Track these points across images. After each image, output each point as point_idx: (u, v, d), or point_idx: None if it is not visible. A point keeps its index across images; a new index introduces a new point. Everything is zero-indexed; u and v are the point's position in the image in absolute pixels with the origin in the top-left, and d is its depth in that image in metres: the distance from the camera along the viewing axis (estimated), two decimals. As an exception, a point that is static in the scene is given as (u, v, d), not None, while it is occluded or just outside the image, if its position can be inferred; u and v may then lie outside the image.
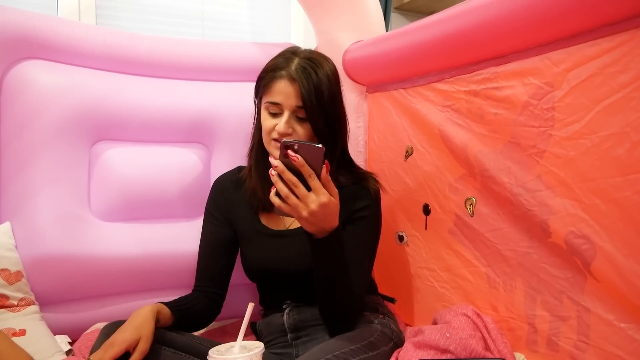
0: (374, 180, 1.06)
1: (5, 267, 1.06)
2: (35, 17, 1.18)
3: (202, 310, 1.05)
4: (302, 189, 0.81)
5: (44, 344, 1.01)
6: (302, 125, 0.98)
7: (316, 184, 0.81)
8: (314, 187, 0.81)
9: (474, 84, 1.00)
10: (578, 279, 0.82)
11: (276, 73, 0.98)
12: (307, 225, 0.85)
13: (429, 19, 1.08)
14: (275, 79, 0.98)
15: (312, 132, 0.99)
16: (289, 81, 0.96)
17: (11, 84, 1.14)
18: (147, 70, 1.31)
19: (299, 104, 0.96)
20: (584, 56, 0.78)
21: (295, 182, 0.81)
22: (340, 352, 0.85)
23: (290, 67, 0.98)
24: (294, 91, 0.96)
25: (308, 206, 0.81)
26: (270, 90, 0.98)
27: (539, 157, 0.87)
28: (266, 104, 1.00)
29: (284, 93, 0.97)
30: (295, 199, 0.81)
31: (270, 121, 0.98)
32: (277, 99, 0.97)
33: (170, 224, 1.26)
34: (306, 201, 0.81)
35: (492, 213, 0.99)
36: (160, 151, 1.28)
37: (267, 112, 1.00)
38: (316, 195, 0.81)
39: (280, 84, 0.97)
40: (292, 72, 0.97)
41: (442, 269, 1.14)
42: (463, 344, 0.87)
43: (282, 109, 0.97)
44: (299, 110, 0.97)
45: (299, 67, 0.97)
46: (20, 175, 1.13)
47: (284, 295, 1.04)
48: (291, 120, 0.97)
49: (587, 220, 0.78)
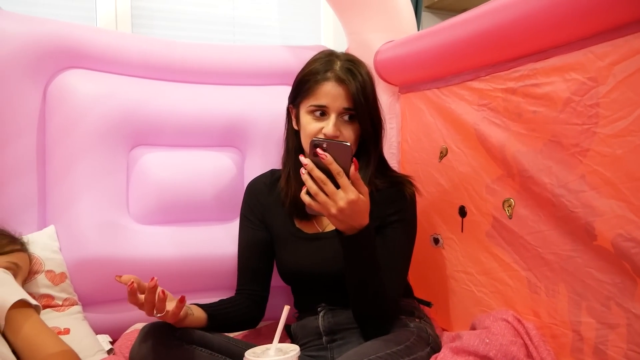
0: (410, 184, 1.05)
1: (51, 269, 1.10)
2: (75, 28, 1.23)
3: (245, 310, 1.06)
4: (331, 186, 0.82)
5: (87, 342, 1.04)
6: (349, 127, 0.98)
7: (345, 181, 0.82)
8: (342, 185, 0.82)
9: (511, 82, 0.97)
10: (627, 284, 0.78)
11: (320, 76, 0.98)
12: (336, 223, 0.85)
13: (463, 16, 1.05)
14: (321, 82, 0.97)
15: (358, 134, 0.99)
16: (336, 82, 0.96)
17: (54, 94, 1.19)
18: (181, 76, 1.34)
19: (346, 106, 0.96)
20: (631, 48, 0.74)
21: (324, 180, 0.82)
22: (376, 355, 0.83)
23: (335, 69, 0.98)
24: (341, 93, 0.96)
25: (337, 203, 0.81)
26: (315, 93, 0.98)
27: (582, 156, 0.83)
28: (310, 107, 0.98)
29: (331, 95, 0.96)
30: (324, 196, 0.82)
31: (315, 125, 0.98)
32: (323, 102, 0.97)
33: (205, 227, 1.28)
34: (335, 198, 0.81)
35: (532, 215, 0.95)
36: (195, 155, 1.30)
37: (311, 116, 0.99)
38: (345, 193, 0.81)
39: (327, 86, 0.97)
40: (338, 73, 0.97)
41: (480, 272, 1.10)
42: (504, 350, 0.84)
43: (329, 111, 0.97)
44: (345, 112, 0.97)
45: (344, 68, 0.98)
46: (63, 181, 1.17)
47: (318, 298, 1.04)
48: (338, 123, 0.97)
49: (636, 222, 0.74)
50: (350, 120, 0.98)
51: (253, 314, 1.09)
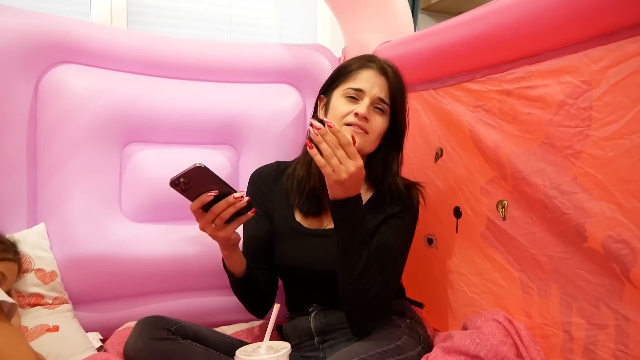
0: (417, 190, 1.08)
1: (41, 267, 1.09)
2: (68, 22, 1.21)
3: (264, 283, 1.07)
4: (342, 152, 0.85)
5: (76, 340, 1.03)
6: (378, 118, 1.01)
7: (352, 149, 0.86)
8: (350, 153, 0.86)
9: (506, 84, 0.98)
10: (615, 286, 0.79)
11: (363, 62, 1.03)
12: (339, 190, 0.88)
13: (460, 18, 1.05)
14: (364, 67, 1.02)
15: (384, 130, 1.03)
16: (377, 71, 1.02)
17: (46, 89, 1.18)
18: (177, 73, 1.33)
19: (381, 96, 1.00)
20: (624, 53, 0.75)
21: (336, 145, 0.85)
22: (367, 354, 0.84)
23: (377, 61, 1.04)
24: (381, 82, 1.01)
25: (348, 169, 0.85)
26: (356, 77, 1.02)
27: (574, 158, 0.83)
28: (346, 90, 1.01)
29: (371, 81, 1.00)
30: (337, 160, 0.85)
31: (347, 106, 1.00)
32: (361, 86, 1.00)
33: (198, 226, 1.27)
34: (346, 164, 0.85)
35: (525, 216, 0.96)
36: (189, 153, 1.29)
37: (345, 98, 1.01)
38: (354, 160, 0.85)
39: (368, 73, 1.01)
40: (381, 64, 1.03)
41: (473, 273, 1.11)
42: (494, 350, 0.84)
43: (363, 96, 1.00)
44: (378, 102, 1.00)
45: (385, 63, 1.04)
46: (54, 178, 1.16)
47: (311, 297, 1.04)
48: (370, 108, 1.00)
49: (626, 224, 0.75)
50: (380, 112, 1.01)
51: (269, 290, 1.09)
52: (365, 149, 1.00)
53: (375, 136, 1.01)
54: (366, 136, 0.99)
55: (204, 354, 0.91)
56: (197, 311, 1.27)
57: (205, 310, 1.28)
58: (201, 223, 0.92)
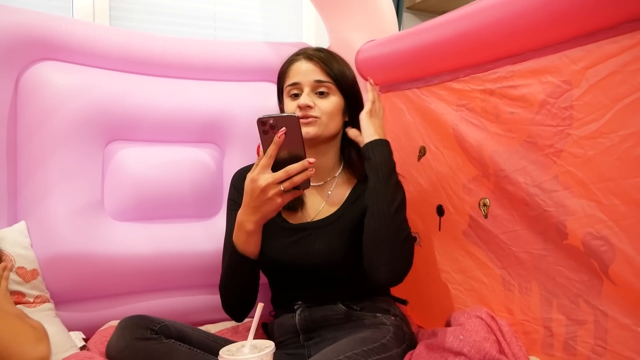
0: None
1: (22, 265, 1.07)
2: (50, 19, 1.19)
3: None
4: (379, 102, 1.09)
5: (59, 339, 1.02)
6: (323, 100, 1.03)
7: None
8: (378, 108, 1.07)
9: (489, 83, 0.99)
10: (594, 282, 0.80)
11: (292, 58, 1.07)
12: (381, 129, 1.02)
13: (444, 17, 1.06)
14: (292, 62, 1.06)
15: (339, 108, 1.05)
16: (305, 59, 1.04)
17: (27, 85, 1.16)
18: (160, 71, 1.32)
19: (316, 78, 1.02)
20: (603, 53, 0.76)
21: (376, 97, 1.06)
22: (353, 352, 0.84)
23: (304, 52, 1.07)
24: (310, 67, 1.03)
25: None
26: (289, 74, 1.05)
27: (556, 156, 0.85)
28: (287, 89, 1.05)
29: (302, 71, 1.03)
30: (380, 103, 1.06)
31: (292, 103, 1.03)
32: (295, 79, 1.03)
33: (182, 224, 1.27)
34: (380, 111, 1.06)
35: (507, 214, 0.97)
36: (173, 151, 1.28)
37: (290, 97, 1.04)
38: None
39: (297, 65, 1.05)
40: (308, 51, 1.06)
41: (456, 270, 1.12)
42: (477, 346, 0.85)
43: (302, 87, 1.02)
44: (318, 85, 1.03)
45: (312, 49, 1.08)
46: (35, 175, 1.14)
47: (296, 294, 1.04)
48: (312, 95, 1.02)
49: (605, 222, 0.76)
50: (324, 94, 1.03)
51: (252, 292, 1.03)
52: (324, 132, 1.03)
53: (329, 116, 1.03)
54: (318, 121, 1.01)
55: (188, 354, 0.90)
56: (181, 310, 1.26)
57: (189, 309, 1.28)
58: (269, 179, 0.84)
